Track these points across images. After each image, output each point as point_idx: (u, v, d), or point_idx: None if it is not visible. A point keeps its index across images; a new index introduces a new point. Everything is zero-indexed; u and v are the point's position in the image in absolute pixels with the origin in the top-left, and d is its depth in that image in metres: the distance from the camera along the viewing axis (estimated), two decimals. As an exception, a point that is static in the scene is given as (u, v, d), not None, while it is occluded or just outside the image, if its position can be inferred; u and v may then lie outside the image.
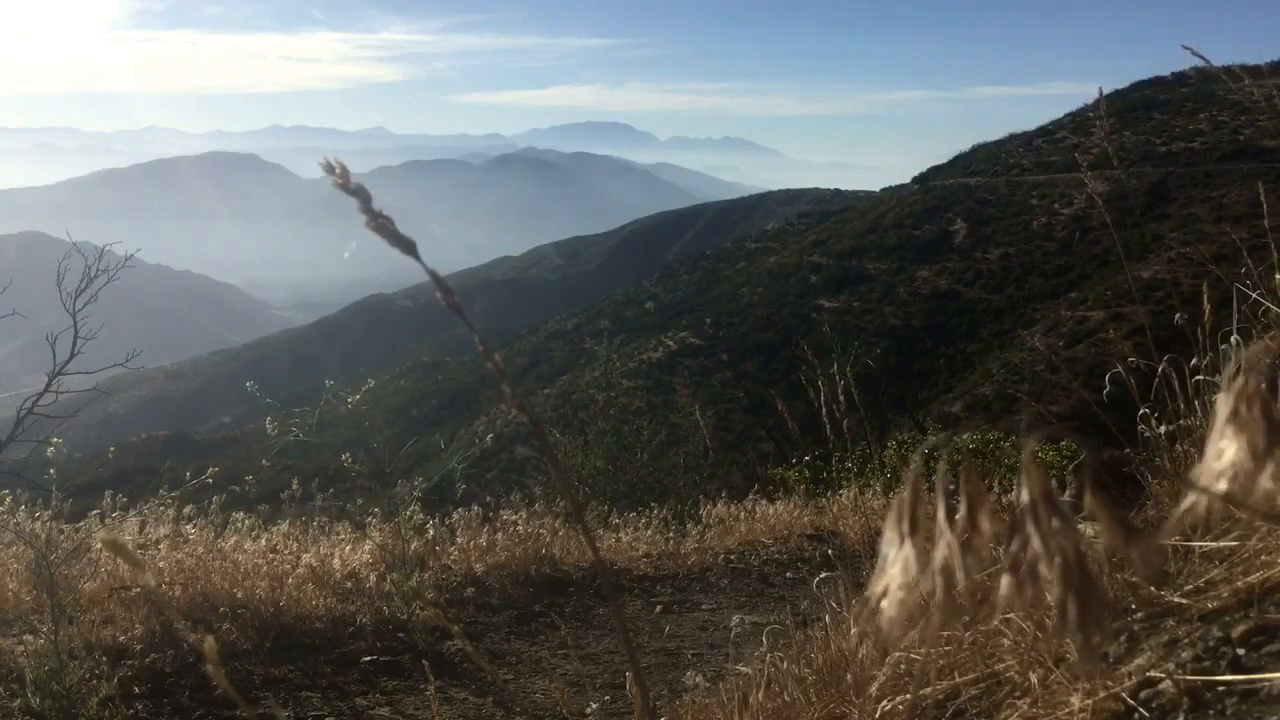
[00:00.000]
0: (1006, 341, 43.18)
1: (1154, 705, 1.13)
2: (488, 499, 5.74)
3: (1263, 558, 1.28)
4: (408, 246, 0.65)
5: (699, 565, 4.98)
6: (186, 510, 4.43)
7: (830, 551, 4.58)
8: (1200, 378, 1.85)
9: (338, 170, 0.60)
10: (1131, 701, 1.14)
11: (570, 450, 9.04)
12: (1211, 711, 1.08)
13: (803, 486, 8.02)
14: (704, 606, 4.35)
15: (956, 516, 0.40)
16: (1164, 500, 1.78)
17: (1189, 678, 1.13)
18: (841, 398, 2.39)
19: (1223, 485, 0.37)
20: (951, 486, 0.41)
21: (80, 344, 3.69)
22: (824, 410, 2.46)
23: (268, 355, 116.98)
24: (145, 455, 43.69)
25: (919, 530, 0.40)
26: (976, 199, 59.09)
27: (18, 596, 3.58)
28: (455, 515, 5.03)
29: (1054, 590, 0.36)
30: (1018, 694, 1.32)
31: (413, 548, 4.37)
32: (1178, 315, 2.09)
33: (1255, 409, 0.37)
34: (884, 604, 0.39)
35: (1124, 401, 2.02)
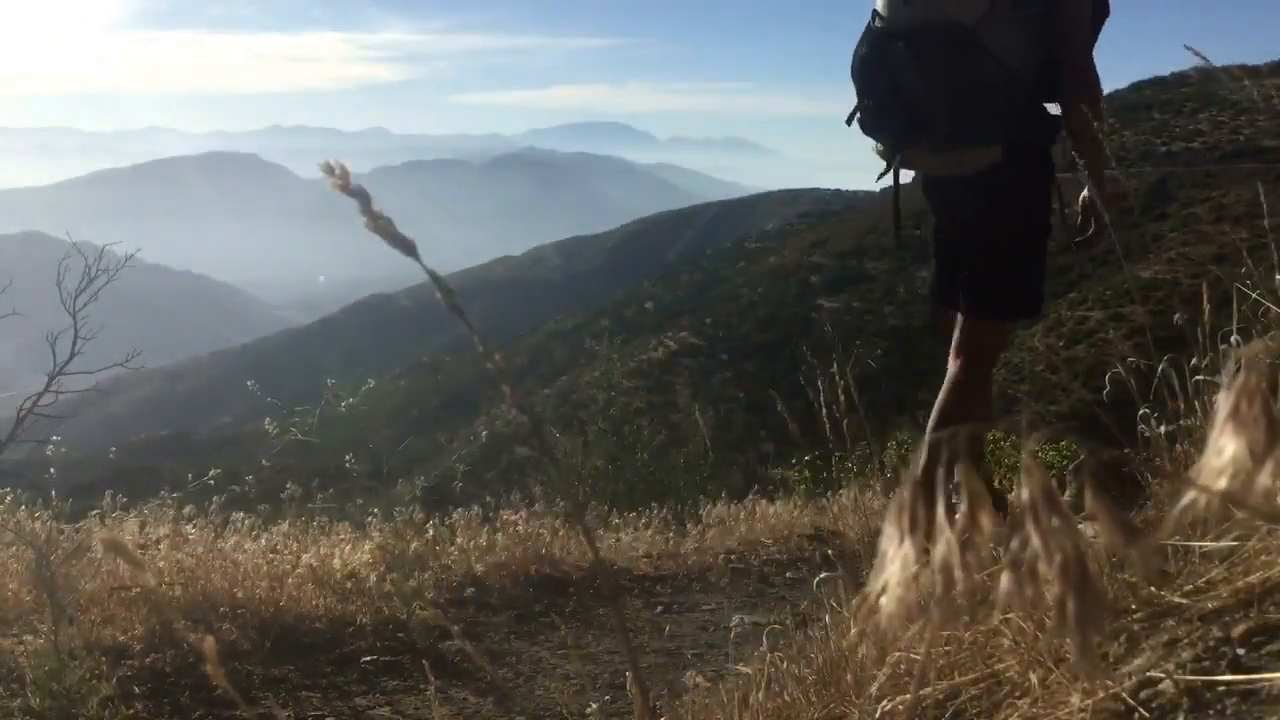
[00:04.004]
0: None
1: (1154, 705, 1.13)
2: (488, 499, 5.74)
3: (1263, 558, 1.28)
4: (408, 248, 0.65)
5: (699, 565, 4.98)
6: (186, 510, 4.43)
7: (830, 551, 4.58)
8: (1200, 378, 1.85)
9: (338, 172, 0.60)
10: (1131, 701, 1.14)
11: (570, 450, 9.04)
12: (1211, 711, 1.08)
13: (803, 486, 8.03)
14: (704, 606, 4.35)
15: (957, 515, 0.40)
16: (1164, 500, 1.78)
17: (1189, 678, 1.13)
18: (841, 398, 2.39)
19: (1222, 483, 0.37)
20: (952, 486, 0.41)
21: (80, 344, 3.68)
22: (824, 410, 2.46)
23: (268, 355, 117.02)
24: (145, 455, 43.71)
25: (919, 528, 0.40)
26: (976, 199, 59.10)
27: (18, 596, 3.58)
28: (455, 515, 5.03)
29: (1053, 589, 0.36)
30: (1018, 694, 1.32)
31: (413, 548, 4.37)
32: (1177, 315, 2.09)
33: (1256, 406, 0.37)
34: (883, 601, 0.39)
35: (1124, 401, 2.02)
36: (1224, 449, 0.37)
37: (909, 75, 2.44)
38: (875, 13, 2.61)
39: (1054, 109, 2.62)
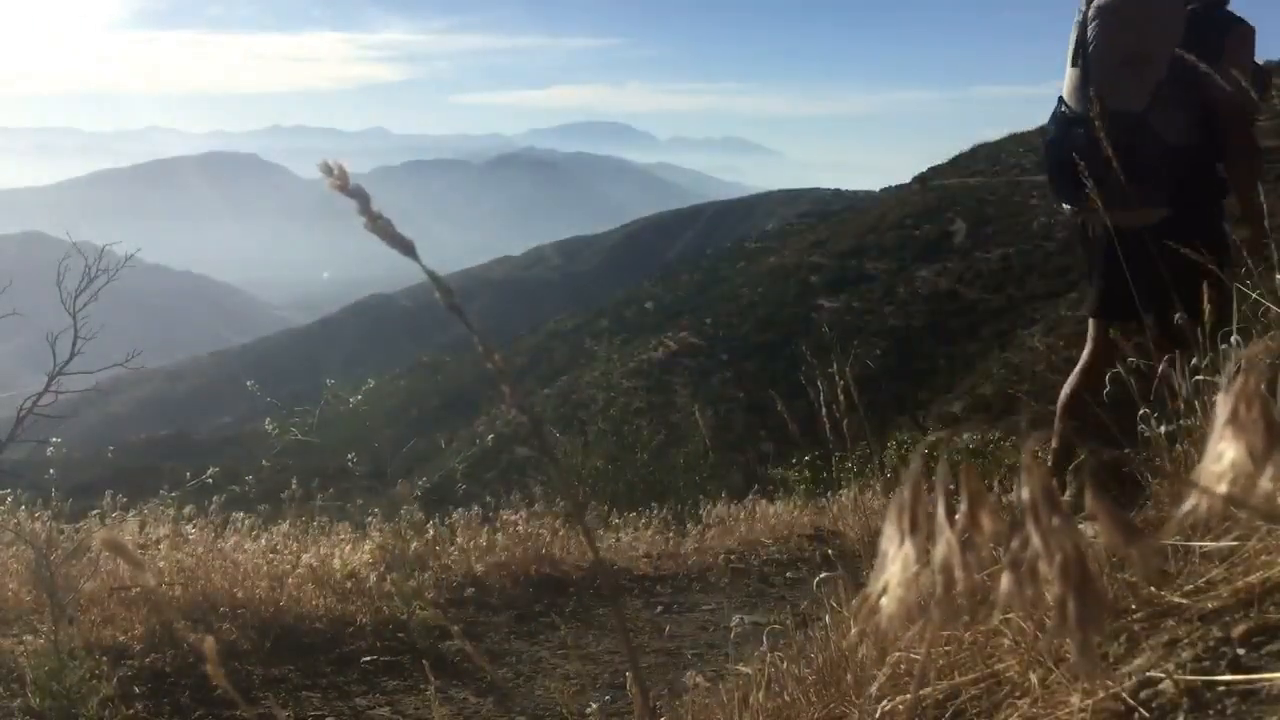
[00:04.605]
0: (1006, 341, 43.18)
1: (1154, 705, 1.13)
2: (488, 499, 5.74)
3: (1263, 558, 1.28)
4: (407, 248, 0.65)
5: (699, 565, 4.99)
6: (186, 510, 4.43)
7: (830, 551, 4.58)
8: (1200, 378, 1.85)
9: (336, 172, 0.60)
10: (1131, 701, 1.14)
11: (570, 450, 9.04)
12: (1211, 711, 1.08)
13: (803, 486, 8.03)
14: (704, 606, 4.35)
15: (957, 515, 0.40)
16: (1164, 500, 1.78)
17: (1189, 678, 1.13)
18: (841, 397, 2.39)
19: (1223, 488, 0.37)
20: (952, 486, 0.41)
21: (80, 344, 3.68)
22: (824, 410, 2.46)
23: (268, 355, 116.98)
24: (145, 455, 43.67)
25: (919, 529, 0.40)
26: (976, 199, 59.10)
27: (18, 596, 3.58)
28: (455, 515, 5.03)
29: (1053, 589, 0.36)
30: (1018, 694, 1.32)
31: (413, 548, 4.37)
32: (1177, 315, 2.09)
33: (1255, 410, 0.37)
34: (883, 601, 0.39)
35: (1124, 401, 2.02)
36: (1223, 454, 0.37)
37: (1089, 153, 3.05)
38: (1061, 99, 3.28)
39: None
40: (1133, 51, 3.11)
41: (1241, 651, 1.14)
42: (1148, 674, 1.17)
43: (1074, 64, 3.25)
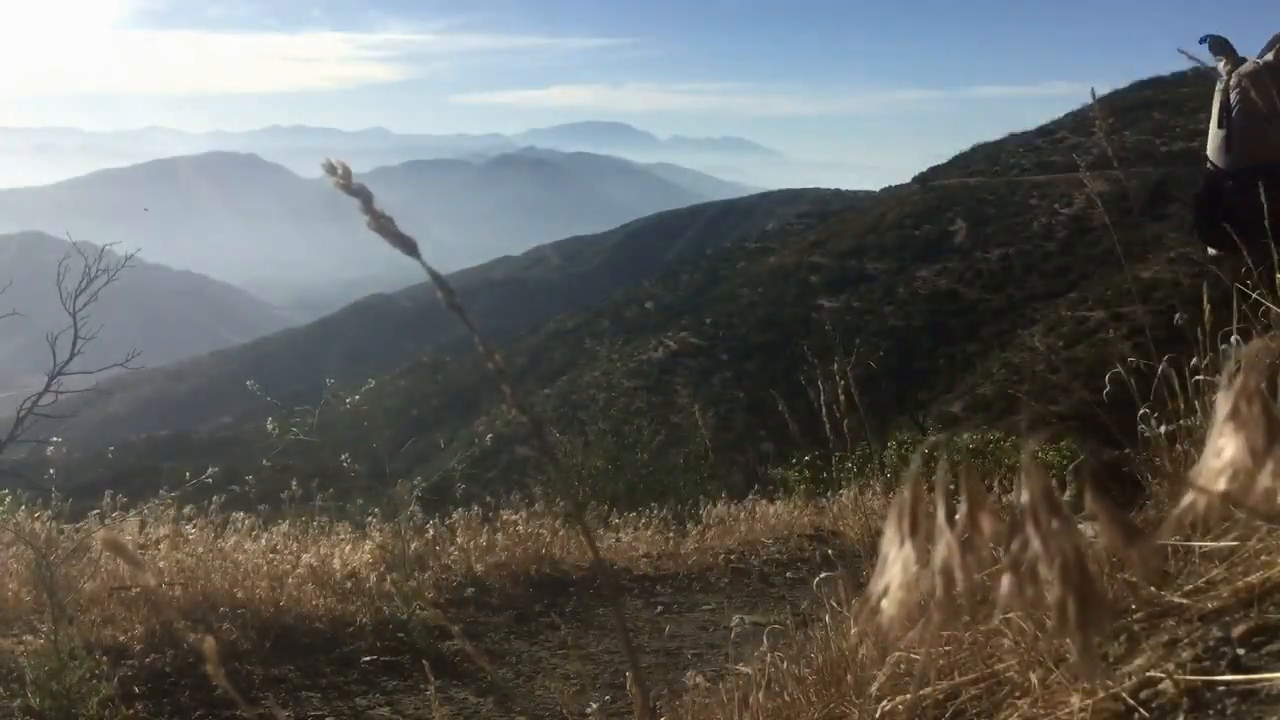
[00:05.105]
0: (1006, 341, 43.18)
1: (1154, 705, 1.13)
2: (488, 499, 5.74)
3: (1263, 558, 1.28)
4: (409, 247, 0.65)
5: (699, 565, 4.99)
6: (186, 510, 4.43)
7: (830, 551, 4.58)
8: (1200, 378, 1.85)
9: (340, 171, 0.60)
10: (1131, 701, 1.14)
11: (570, 450, 9.04)
12: (1211, 711, 1.08)
13: (803, 486, 8.03)
14: (704, 606, 4.35)
15: (957, 517, 0.40)
16: (1164, 500, 1.78)
17: (1189, 678, 1.13)
18: (841, 397, 2.39)
19: (1222, 484, 0.37)
20: (952, 487, 0.41)
21: (80, 344, 3.68)
22: (824, 410, 2.46)
23: (268, 355, 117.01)
24: (145, 455, 43.69)
25: (919, 530, 0.40)
26: (976, 199, 59.12)
27: (18, 596, 3.58)
28: (455, 515, 5.03)
29: (1053, 591, 0.36)
30: (1018, 694, 1.32)
31: (413, 548, 4.37)
32: (1178, 315, 2.09)
33: (1255, 407, 0.37)
34: (884, 603, 0.39)
35: (1124, 401, 2.02)
36: (1223, 450, 0.37)
37: (1237, 203, 3.33)
38: (1207, 158, 3.66)
39: None
40: (1273, 112, 3.41)
41: (1241, 651, 1.14)
42: (1148, 674, 1.17)
43: (1219, 126, 3.64)
